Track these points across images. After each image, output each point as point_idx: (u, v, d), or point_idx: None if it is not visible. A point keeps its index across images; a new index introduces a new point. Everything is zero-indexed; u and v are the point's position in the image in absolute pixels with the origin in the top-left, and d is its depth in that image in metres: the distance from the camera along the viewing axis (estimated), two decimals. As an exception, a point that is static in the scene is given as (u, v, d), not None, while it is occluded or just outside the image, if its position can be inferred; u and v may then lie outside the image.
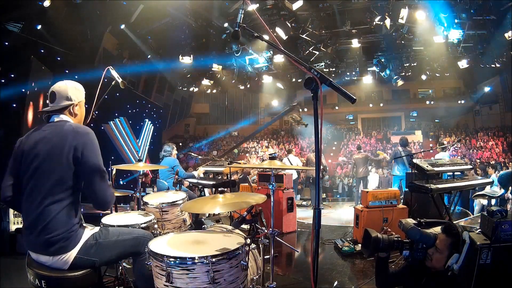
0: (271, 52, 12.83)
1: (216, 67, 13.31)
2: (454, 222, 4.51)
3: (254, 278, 2.18)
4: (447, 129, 18.29)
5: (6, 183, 1.82)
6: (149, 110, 12.43)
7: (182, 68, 13.53)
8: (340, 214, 8.21)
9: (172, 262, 1.64)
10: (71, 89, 1.90)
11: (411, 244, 1.80)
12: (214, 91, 17.59)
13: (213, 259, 1.64)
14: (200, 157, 12.27)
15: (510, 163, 11.53)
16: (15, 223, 4.18)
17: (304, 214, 7.42)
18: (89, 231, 1.88)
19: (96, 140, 1.80)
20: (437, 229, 1.87)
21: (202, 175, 5.87)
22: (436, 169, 4.32)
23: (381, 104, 20.69)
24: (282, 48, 1.64)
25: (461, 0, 9.20)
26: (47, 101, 1.91)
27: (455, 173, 4.81)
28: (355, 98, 1.44)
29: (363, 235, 1.84)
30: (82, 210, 1.88)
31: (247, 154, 17.83)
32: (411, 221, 1.93)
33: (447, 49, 11.75)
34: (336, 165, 15.63)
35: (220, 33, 11.31)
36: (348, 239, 4.52)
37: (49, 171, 1.70)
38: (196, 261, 1.63)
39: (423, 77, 14.48)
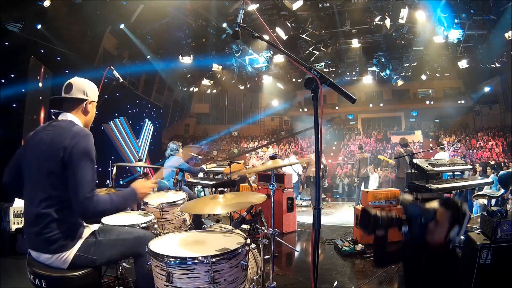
0: (271, 52, 12.83)
1: (216, 67, 13.31)
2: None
3: (254, 278, 2.19)
4: (447, 129, 18.29)
5: (8, 168, 1.89)
6: (149, 110, 12.41)
7: (182, 68, 13.52)
8: (340, 214, 8.21)
9: (172, 262, 1.64)
10: (89, 87, 1.94)
11: (409, 220, 1.76)
12: (214, 91, 17.59)
13: (213, 259, 1.64)
14: (200, 157, 12.28)
15: (510, 163, 11.52)
16: (15, 223, 4.18)
17: (304, 218, 7.39)
18: (89, 229, 1.88)
19: (89, 144, 1.73)
20: (435, 205, 1.83)
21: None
22: (436, 169, 4.31)
23: (381, 104, 20.69)
24: (282, 48, 1.64)
25: (461, 0, 9.21)
26: (62, 93, 1.90)
27: (455, 173, 4.80)
28: (355, 98, 1.44)
29: (361, 214, 1.82)
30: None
31: (247, 154, 17.83)
32: (409, 196, 1.91)
33: (447, 49, 11.75)
34: (336, 165, 15.63)
35: (220, 33, 11.31)
36: (348, 239, 4.52)
37: (47, 172, 1.70)
38: (196, 261, 1.63)
39: (423, 77, 14.49)
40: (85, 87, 1.91)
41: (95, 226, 1.94)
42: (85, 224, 1.90)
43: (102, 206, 1.69)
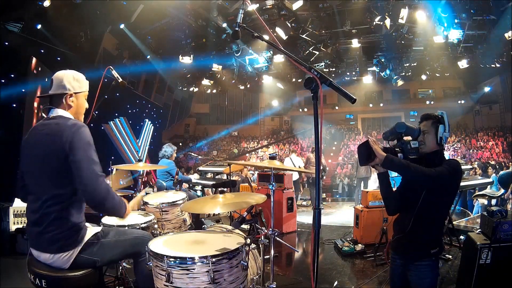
0: (271, 52, 12.82)
1: (216, 67, 13.30)
2: (454, 222, 4.52)
3: (254, 278, 2.19)
4: (447, 129, 18.21)
5: (19, 183, 1.87)
6: (149, 110, 12.44)
7: (182, 68, 13.52)
8: (340, 214, 8.21)
9: (172, 262, 1.64)
10: (68, 77, 1.83)
11: (401, 147, 1.93)
12: (214, 91, 17.58)
13: (213, 259, 1.64)
14: (200, 157, 12.28)
15: (510, 163, 11.52)
16: (15, 223, 4.18)
17: (304, 218, 7.40)
18: (92, 230, 1.88)
19: (88, 134, 1.74)
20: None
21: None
22: (436, 169, 4.30)
23: (381, 104, 20.68)
24: (282, 48, 1.64)
25: (461, 0, 9.20)
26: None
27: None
28: (355, 98, 1.44)
29: (359, 151, 1.93)
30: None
31: (247, 155, 17.83)
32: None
33: (447, 49, 11.75)
34: (336, 165, 15.62)
35: (220, 33, 11.31)
36: (348, 239, 4.52)
37: (48, 173, 1.70)
38: (196, 261, 1.63)
39: (423, 77, 14.49)
40: (63, 80, 1.81)
41: (98, 228, 1.94)
42: (87, 224, 1.89)
43: (110, 193, 1.72)
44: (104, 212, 1.93)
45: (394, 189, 2.05)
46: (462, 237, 4.09)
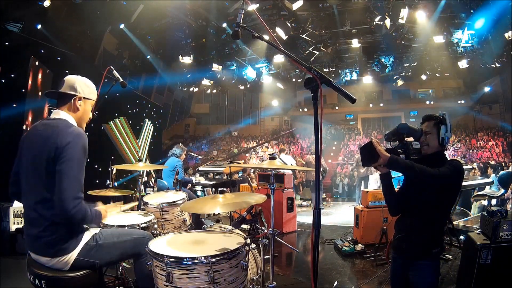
0: (271, 52, 12.82)
1: (216, 67, 13.31)
2: (454, 222, 4.52)
3: (254, 278, 2.19)
4: (447, 129, 18.21)
5: (12, 178, 1.84)
6: (149, 110, 12.44)
7: (182, 68, 13.52)
8: (340, 214, 8.21)
9: (172, 262, 1.64)
10: (80, 82, 1.87)
11: (403, 148, 1.93)
12: (214, 91, 17.59)
13: (213, 259, 1.64)
14: (200, 157, 12.28)
15: (510, 163, 11.51)
16: (15, 223, 4.18)
17: (304, 218, 7.40)
18: (90, 232, 1.87)
19: (83, 146, 1.69)
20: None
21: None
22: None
23: (381, 104, 20.68)
24: (282, 48, 1.64)
25: (461, 0, 9.20)
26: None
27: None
28: (355, 98, 1.44)
29: (362, 152, 1.94)
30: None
31: (247, 154, 17.82)
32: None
33: (447, 49, 11.75)
34: (336, 165, 15.62)
35: (220, 33, 11.31)
36: (348, 239, 4.52)
37: (41, 174, 1.66)
38: (196, 261, 1.63)
39: (423, 77, 14.49)
40: (74, 83, 1.84)
41: (96, 230, 1.93)
42: (85, 226, 1.88)
43: (86, 213, 1.68)
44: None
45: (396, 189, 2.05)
46: (462, 237, 4.09)
